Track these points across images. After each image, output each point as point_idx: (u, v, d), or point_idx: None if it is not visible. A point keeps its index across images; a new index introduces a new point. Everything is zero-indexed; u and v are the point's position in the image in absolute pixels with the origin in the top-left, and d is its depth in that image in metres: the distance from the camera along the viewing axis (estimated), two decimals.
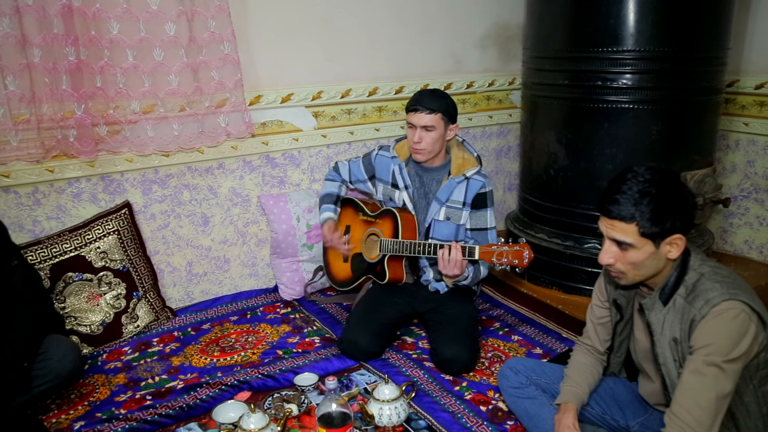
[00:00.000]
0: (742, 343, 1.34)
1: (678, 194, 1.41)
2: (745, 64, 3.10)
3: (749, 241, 3.25)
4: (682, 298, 1.44)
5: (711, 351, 1.35)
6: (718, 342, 1.34)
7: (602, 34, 2.57)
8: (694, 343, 1.39)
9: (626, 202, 1.39)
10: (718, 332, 1.35)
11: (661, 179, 1.40)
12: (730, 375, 1.35)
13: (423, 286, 2.45)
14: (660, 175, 1.41)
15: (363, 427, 1.82)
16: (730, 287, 1.38)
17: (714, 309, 1.36)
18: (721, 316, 1.35)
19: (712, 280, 1.41)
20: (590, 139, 2.71)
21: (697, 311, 1.39)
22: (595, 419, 1.74)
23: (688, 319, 1.41)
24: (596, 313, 1.75)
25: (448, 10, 3.11)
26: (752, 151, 3.15)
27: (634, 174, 1.42)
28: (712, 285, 1.40)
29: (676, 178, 1.44)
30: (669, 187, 1.40)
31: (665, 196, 1.39)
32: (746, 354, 1.35)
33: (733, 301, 1.35)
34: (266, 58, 2.68)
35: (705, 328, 1.37)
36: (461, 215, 2.31)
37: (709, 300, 1.37)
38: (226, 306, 2.75)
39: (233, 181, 2.75)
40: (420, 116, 2.23)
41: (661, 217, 1.38)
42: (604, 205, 1.43)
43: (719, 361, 1.34)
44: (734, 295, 1.36)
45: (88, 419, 1.93)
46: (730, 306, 1.35)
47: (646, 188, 1.38)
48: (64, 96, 2.20)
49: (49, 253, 2.31)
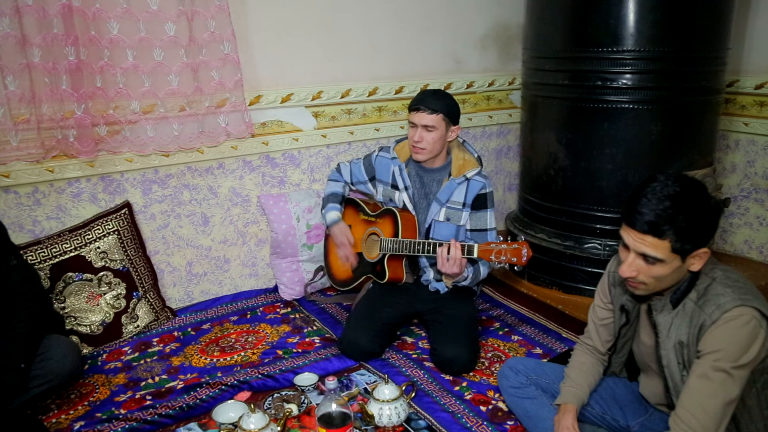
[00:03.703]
0: (752, 350, 1.33)
1: (709, 209, 1.37)
2: (745, 64, 3.10)
3: (749, 241, 3.25)
4: (693, 302, 1.43)
5: (720, 357, 1.34)
6: (727, 348, 1.34)
7: (602, 34, 2.57)
8: (703, 348, 1.38)
9: (660, 217, 1.33)
10: (729, 338, 1.34)
11: (693, 193, 1.35)
12: (737, 381, 1.34)
13: (423, 286, 2.45)
14: (690, 187, 1.36)
15: (363, 427, 1.82)
16: (742, 292, 1.37)
17: (725, 315, 1.35)
18: (732, 322, 1.34)
19: (723, 285, 1.40)
20: (590, 139, 2.71)
21: (708, 316, 1.38)
22: (595, 419, 1.74)
23: (698, 323, 1.40)
24: (598, 315, 1.74)
25: (448, 10, 3.11)
26: (752, 151, 3.15)
27: (663, 185, 1.36)
28: (724, 290, 1.38)
29: (705, 191, 1.38)
30: (701, 201, 1.36)
31: (699, 212, 1.35)
32: (754, 360, 1.35)
33: (745, 307, 1.34)
34: (266, 58, 2.68)
35: (715, 334, 1.36)
36: (461, 216, 2.31)
37: (721, 305, 1.36)
38: (226, 306, 2.75)
39: (233, 181, 2.75)
40: (422, 116, 2.24)
41: (695, 233, 1.35)
42: (634, 217, 1.37)
43: (728, 367, 1.33)
44: (746, 301, 1.35)
45: (88, 419, 1.93)
46: (742, 312, 1.34)
47: (680, 203, 1.33)
48: (64, 96, 2.20)
49: (49, 253, 2.31)
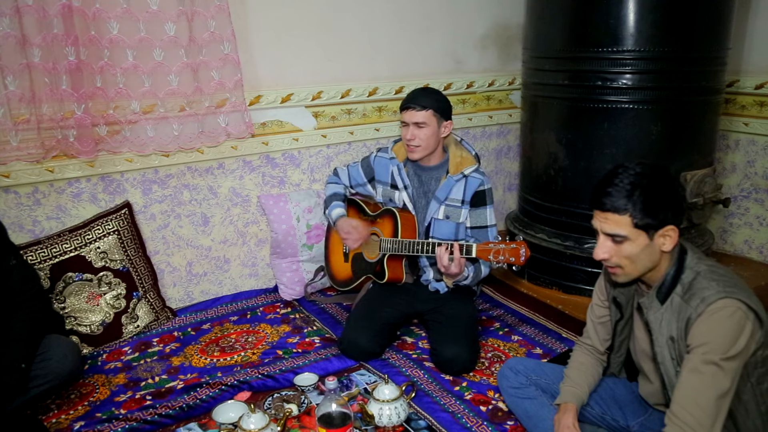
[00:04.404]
0: (740, 341, 1.34)
1: (668, 186, 1.44)
2: (745, 64, 3.10)
3: (749, 241, 3.25)
4: (679, 297, 1.44)
5: (708, 349, 1.35)
6: (714, 340, 1.34)
7: (602, 34, 2.57)
8: (691, 342, 1.39)
9: (618, 194, 1.41)
10: (715, 330, 1.35)
11: (651, 172, 1.44)
12: (728, 373, 1.34)
13: (423, 285, 2.45)
14: (650, 168, 1.45)
15: (363, 427, 1.82)
16: (726, 285, 1.38)
17: (710, 307, 1.36)
18: (716, 314, 1.35)
19: (708, 279, 1.41)
20: (590, 139, 2.71)
21: (693, 310, 1.39)
22: (595, 419, 1.75)
23: (685, 317, 1.41)
24: (596, 313, 1.75)
25: (448, 10, 3.11)
26: (752, 151, 3.15)
27: (624, 168, 1.45)
28: (708, 283, 1.40)
29: (666, 171, 1.48)
30: (659, 179, 1.44)
31: (656, 187, 1.42)
32: (744, 352, 1.35)
33: (729, 299, 1.35)
34: (266, 58, 2.68)
35: (701, 327, 1.37)
36: (460, 213, 2.32)
37: (705, 298, 1.37)
38: (226, 306, 2.75)
39: (233, 181, 2.75)
40: (412, 113, 2.26)
41: (653, 207, 1.40)
42: (596, 199, 1.46)
43: (717, 359, 1.33)
44: (730, 293, 1.36)
45: (88, 419, 1.93)
46: (726, 304, 1.35)
47: (637, 180, 1.41)
48: (64, 96, 2.20)
49: (49, 253, 2.31)
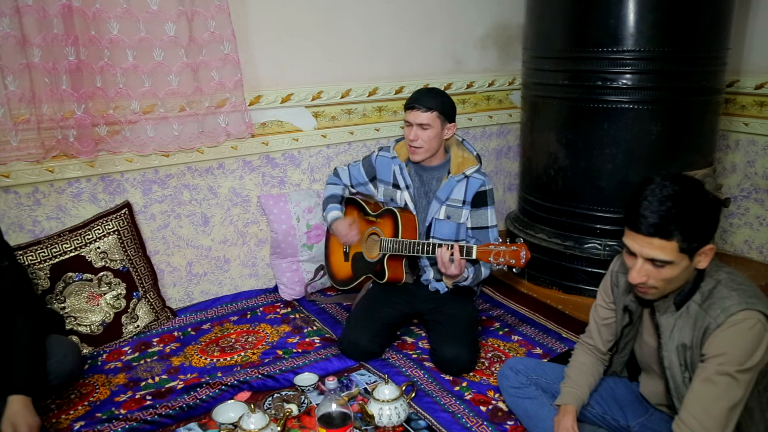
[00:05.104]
0: (757, 353, 1.32)
1: (711, 205, 1.36)
2: (745, 64, 3.10)
3: (749, 241, 3.25)
4: (697, 305, 1.42)
5: (725, 360, 1.33)
6: (732, 352, 1.33)
7: (602, 34, 2.57)
8: (707, 352, 1.37)
9: (664, 218, 1.31)
10: (734, 342, 1.33)
11: (691, 190, 1.34)
12: (742, 385, 1.33)
13: (423, 285, 2.45)
14: (688, 185, 1.35)
15: (363, 427, 1.82)
16: (747, 296, 1.36)
17: (730, 318, 1.34)
18: (737, 326, 1.33)
19: (728, 288, 1.39)
20: (590, 139, 2.71)
21: (713, 319, 1.37)
22: (595, 419, 1.74)
23: (702, 326, 1.39)
24: (600, 314, 1.74)
25: (448, 10, 3.11)
26: (752, 151, 3.15)
27: (660, 186, 1.34)
28: (729, 293, 1.37)
29: (702, 186, 1.37)
30: (701, 198, 1.35)
31: (701, 209, 1.34)
32: (759, 364, 1.34)
33: (750, 311, 1.33)
34: (266, 58, 2.68)
35: (720, 338, 1.35)
36: (461, 214, 2.32)
37: (726, 308, 1.35)
38: (226, 306, 2.75)
39: (233, 181, 2.75)
40: (416, 114, 2.24)
41: (700, 231, 1.34)
42: (638, 222, 1.34)
43: (732, 371, 1.32)
44: (751, 305, 1.34)
45: (88, 419, 1.93)
46: (747, 316, 1.33)
47: (681, 202, 1.32)
48: (64, 96, 2.20)
49: (49, 253, 2.31)
